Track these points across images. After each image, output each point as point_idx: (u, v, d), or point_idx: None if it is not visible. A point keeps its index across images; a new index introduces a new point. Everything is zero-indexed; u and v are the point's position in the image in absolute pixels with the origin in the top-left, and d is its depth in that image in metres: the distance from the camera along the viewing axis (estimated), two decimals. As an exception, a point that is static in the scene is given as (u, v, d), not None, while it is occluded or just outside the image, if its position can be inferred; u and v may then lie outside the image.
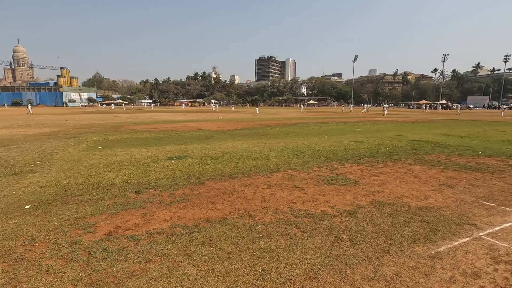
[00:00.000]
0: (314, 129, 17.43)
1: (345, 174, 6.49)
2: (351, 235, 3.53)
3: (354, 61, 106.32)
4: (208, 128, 17.88)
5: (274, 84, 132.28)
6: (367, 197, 4.95)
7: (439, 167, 7.18)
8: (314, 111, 54.64)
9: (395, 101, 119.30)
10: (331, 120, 26.18)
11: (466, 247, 3.27)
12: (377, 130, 16.74)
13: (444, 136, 13.83)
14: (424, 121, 25.84)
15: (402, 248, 3.22)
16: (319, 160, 7.92)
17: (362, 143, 11.24)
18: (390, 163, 7.64)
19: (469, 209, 4.40)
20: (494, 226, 3.80)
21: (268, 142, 11.47)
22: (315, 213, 4.23)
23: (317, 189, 5.39)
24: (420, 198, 4.91)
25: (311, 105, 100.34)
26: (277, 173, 6.58)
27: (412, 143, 11.28)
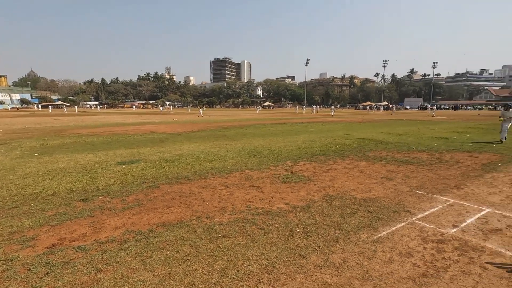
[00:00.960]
0: (270, 130, 17.89)
1: (299, 172, 6.82)
2: (304, 228, 3.75)
3: (306, 64, 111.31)
4: (162, 131, 17.23)
5: (230, 86, 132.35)
6: (319, 192, 5.27)
7: (381, 162, 7.93)
8: (270, 113, 55.95)
9: (343, 102, 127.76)
10: (286, 121, 27.10)
11: (402, 231, 3.70)
12: (328, 130, 17.80)
13: (386, 134, 15.26)
14: (369, 121, 28.16)
15: (349, 236, 3.53)
16: (275, 160, 8.19)
17: (315, 142, 11.87)
18: (339, 160, 8.22)
19: (404, 198, 4.97)
20: (424, 211, 4.35)
21: (225, 144, 11.49)
22: (271, 210, 4.39)
23: (273, 187, 5.59)
24: (365, 190, 5.39)
25: (267, 106, 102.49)
26: (235, 173, 6.65)
27: (359, 141, 12.24)
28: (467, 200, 4.84)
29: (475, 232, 3.68)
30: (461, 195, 5.11)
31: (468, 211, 4.39)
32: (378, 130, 17.54)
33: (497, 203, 4.73)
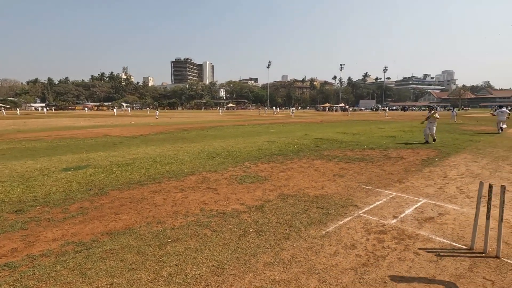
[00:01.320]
0: (232, 132, 17.85)
1: (257, 172, 6.88)
2: (257, 228, 3.78)
3: (268, 67, 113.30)
4: (117, 134, 16.27)
5: (192, 87, 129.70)
6: (274, 191, 5.37)
7: (334, 160, 8.33)
8: (233, 114, 55.88)
9: (304, 104, 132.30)
10: (249, 123, 27.28)
11: (348, 224, 3.91)
12: (288, 131, 18.27)
13: (341, 134, 16.09)
14: (327, 121, 29.50)
15: (300, 233, 3.63)
16: (234, 161, 8.18)
17: (274, 143, 12.10)
18: (296, 159, 8.47)
19: (353, 193, 5.27)
20: (370, 205, 4.65)
21: (184, 146, 11.20)
22: (226, 211, 4.37)
23: (229, 188, 5.56)
24: (318, 188, 5.61)
25: (230, 108, 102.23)
26: (191, 176, 6.50)
27: (316, 141, 12.75)
28: (407, 193, 5.28)
29: (412, 221, 4.03)
30: (402, 189, 5.56)
31: (407, 202, 4.79)
32: (335, 130, 18.44)
33: (432, 194, 5.23)
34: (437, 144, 11.64)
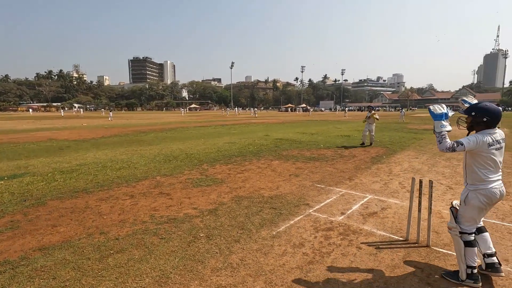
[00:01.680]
0: (193, 133, 17.45)
1: (214, 174, 6.78)
2: (208, 232, 3.71)
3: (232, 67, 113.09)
4: (64, 137, 15.01)
5: (152, 87, 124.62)
6: (229, 193, 5.33)
7: (292, 160, 8.54)
8: (195, 115, 54.76)
9: (267, 104, 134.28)
10: (211, 124, 26.92)
11: (299, 223, 4.01)
12: (250, 131, 18.37)
13: (301, 134, 16.58)
14: (289, 122, 30.24)
15: (251, 235, 3.64)
16: (191, 164, 7.98)
17: (235, 144, 12.06)
18: (255, 160, 8.52)
19: (306, 192, 5.43)
20: (320, 203, 4.83)
21: (140, 149, 10.67)
22: (177, 217, 4.22)
23: (183, 192, 5.40)
24: (273, 188, 5.69)
25: (193, 109, 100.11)
26: (144, 181, 6.20)
27: (276, 141, 12.97)
28: (355, 190, 5.59)
29: (357, 217, 4.26)
30: (351, 186, 5.87)
31: (355, 199, 5.06)
32: (295, 130, 18.95)
33: (377, 190, 5.60)
34: (385, 142, 12.53)
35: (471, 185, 2.62)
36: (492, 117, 2.52)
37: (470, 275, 2.59)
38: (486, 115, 2.52)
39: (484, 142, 2.47)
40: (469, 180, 2.64)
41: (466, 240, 2.61)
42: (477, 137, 2.50)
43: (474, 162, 2.57)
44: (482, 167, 2.54)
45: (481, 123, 2.55)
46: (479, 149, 2.50)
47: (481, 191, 2.55)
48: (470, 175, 2.62)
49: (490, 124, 2.54)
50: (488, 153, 2.51)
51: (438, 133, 2.55)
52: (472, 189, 2.59)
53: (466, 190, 2.66)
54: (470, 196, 2.60)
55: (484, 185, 2.54)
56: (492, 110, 2.53)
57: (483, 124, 2.55)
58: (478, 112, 2.56)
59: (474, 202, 2.57)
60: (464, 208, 2.66)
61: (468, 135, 2.63)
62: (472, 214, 2.62)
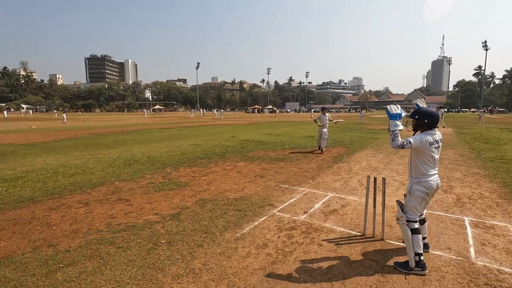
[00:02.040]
0: (156, 135, 16.81)
1: (177, 178, 6.58)
2: (170, 238, 3.58)
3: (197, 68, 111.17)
4: (9, 142, 13.59)
5: (112, 87, 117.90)
6: (193, 197, 5.20)
7: (257, 161, 8.59)
8: (160, 117, 52.89)
9: (234, 106, 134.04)
10: (176, 125, 26.17)
11: (263, 224, 4.04)
12: (216, 133, 18.17)
13: (266, 135, 16.77)
14: (256, 123, 30.45)
15: (215, 238, 3.58)
16: (154, 167, 7.67)
17: (200, 146, 11.84)
18: (220, 162, 8.43)
19: (271, 192, 5.49)
20: (284, 203, 4.91)
21: (97, 153, 10.02)
22: (136, 224, 4.02)
23: (144, 198, 5.16)
24: (238, 190, 5.67)
25: (157, 110, 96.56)
26: (101, 187, 5.82)
27: (242, 142, 12.97)
28: (317, 188, 5.77)
29: (319, 215, 4.40)
30: (314, 185, 6.05)
31: (317, 197, 5.23)
32: (261, 131, 19.12)
33: (338, 188, 5.84)
34: (346, 142, 13.15)
35: (414, 178, 2.98)
36: (432, 119, 2.92)
37: (418, 262, 2.84)
38: (426, 118, 2.92)
39: (426, 141, 2.85)
40: (413, 174, 3.00)
41: (412, 227, 2.92)
42: (421, 137, 2.86)
43: (418, 158, 2.92)
44: (423, 162, 2.91)
45: (424, 124, 2.94)
46: (422, 147, 2.85)
47: (422, 183, 2.92)
48: (414, 169, 2.98)
49: (431, 125, 2.92)
50: (429, 151, 2.88)
51: (392, 131, 2.88)
52: (416, 182, 2.95)
53: (410, 183, 3.02)
54: (413, 187, 2.96)
55: (425, 178, 2.92)
56: (431, 113, 2.94)
57: (425, 125, 2.93)
58: (420, 115, 2.96)
59: (417, 193, 2.93)
60: (409, 199, 3.00)
61: (414, 135, 2.96)
62: (416, 204, 2.97)
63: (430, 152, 2.87)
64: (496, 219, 4.16)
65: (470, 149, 10.89)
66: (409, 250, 2.89)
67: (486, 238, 3.59)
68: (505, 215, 4.33)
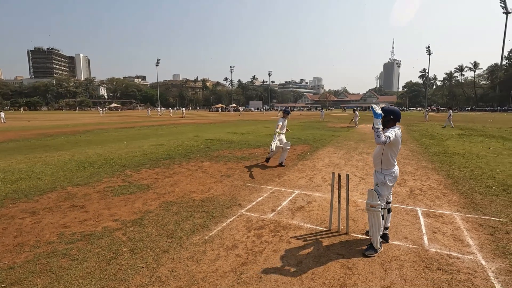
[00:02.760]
0: (113, 136, 15.78)
1: (138, 180, 6.22)
2: (132, 246, 3.35)
3: (157, 64, 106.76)
4: None
5: (61, 83, 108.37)
6: (157, 200, 4.96)
7: (223, 160, 8.48)
8: (117, 115, 49.81)
9: (197, 104, 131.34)
10: (135, 125, 24.85)
11: (231, 225, 3.97)
12: (179, 132, 17.60)
13: (231, 134, 16.66)
14: (220, 122, 30.12)
15: (181, 243, 3.43)
16: (111, 170, 7.17)
17: (163, 146, 11.36)
18: (184, 162, 8.17)
19: (238, 192, 5.44)
20: (252, 202, 4.89)
21: (45, 156, 9.09)
22: (93, 232, 3.70)
23: (102, 203, 4.79)
24: (204, 191, 5.52)
25: (113, 108, 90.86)
26: (50, 193, 5.28)
27: (207, 142, 12.71)
28: (284, 186, 5.86)
29: (286, 212, 4.46)
30: (280, 183, 6.13)
31: (284, 195, 5.30)
32: (226, 130, 18.95)
33: (303, 185, 5.98)
34: (309, 139, 13.58)
35: (385, 170, 3.28)
36: (396, 115, 3.27)
37: (380, 243, 3.23)
38: (391, 114, 3.25)
39: (398, 134, 3.20)
40: (384, 166, 3.29)
41: (382, 214, 3.21)
42: (394, 131, 3.18)
43: (390, 151, 3.24)
44: (393, 154, 3.25)
45: (390, 120, 3.28)
46: (396, 140, 3.18)
47: (392, 173, 3.29)
48: (385, 162, 3.27)
49: (396, 120, 3.27)
50: (398, 143, 3.24)
51: (377, 128, 3.08)
52: (387, 173, 3.26)
53: (381, 175, 3.29)
54: (385, 178, 3.25)
55: (392, 169, 3.27)
56: (394, 110, 3.29)
57: (391, 121, 3.32)
58: (386, 113, 3.26)
59: (388, 183, 3.25)
60: (382, 188, 3.26)
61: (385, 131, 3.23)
62: (387, 192, 3.31)
63: (398, 144, 3.24)
64: (444, 209, 4.59)
65: (419, 145, 11.91)
66: (377, 234, 3.17)
67: (436, 226, 3.93)
68: (450, 204, 4.78)
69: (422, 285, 2.65)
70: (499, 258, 3.09)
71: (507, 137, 14.20)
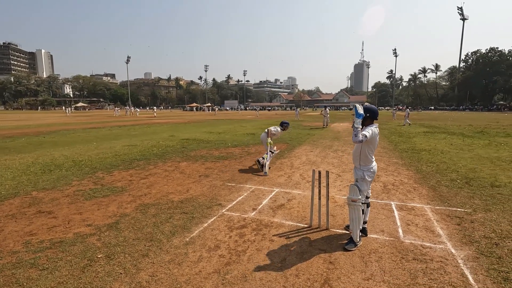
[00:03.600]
0: (81, 136, 14.93)
1: (112, 183, 5.93)
2: (108, 251, 3.18)
3: (127, 62, 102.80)
4: None
5: (20, 81, 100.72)
6: (133, 203, 4.75)
7: (201, 160, 8.33)
8: (85, 115, 47.24)
9: (171, 103, 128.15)
10: (105, 125, 23.71)
11: (212, 225, 3.91)
12: (153, 132, 17.05)
13: (208, 133, 16.43)
14: (195, 121, 29.60)
15: (161, 246, 3.32)
16: (81, 172, 6.77)
17: (136, 146, 10.94)
18: (160, 163, 7.92)
19: (218, 192, 5.37)
20: (232, 202, 4.85)
21: (4, 159, 8.39)
22: (64, 239, 3.47)
23: (72, 208, 4.50)
24: (182, 191, 5.39)
25: (80, 108, 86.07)
26: (13, 199, 4.87)
27: (183, 141, 12.43)
28: (264, 185, 5.87)
29: (267, 211, 4.46)
30: (260, 181, 6.14)
31: (264, 193, 5.31)
32: (202, 130, 18.66)
33: (283, 183, 6.04)
34: (286, 138, 13.75)
35: (364, 166, 3.38)
36: (372, 113, 3.36)
37: (359, 236, 3.34)
38: (368, 112, 3.34)
39: (374, 132, 3.28)
40: (362, 163, 3.39)
41: (362, 208, 3.32)
42: (371, 129, 3.26)
43: (367, 148, 3.34)
44: (371, 151, 3.36)
45: (367, 118, 3.35)
46: (373, 138, 3.27)
47: (370, 169, 3.40)
48: (363, 159, 3.37)
49: (373, 118, 3.36)
50: (375, 141, 3.34)
51: (356, 128, 3.14)
52: (366, 170, 3.37)
53: (360, 171, 3.39)
54: (364, 174, 3.36)
55: (370, 165, 3.38)
56: (371, 108, 3.40)
57: (369, 118, 3.36)
58: (363, 111, 3.31)
59: (367, 178, 3.36)
60: (361, 184, 3.36)
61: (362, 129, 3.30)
62: (367, 188, 3.41)
63: (375, 141, 3.36)
64: (415, 202, 4.84)
65: (389, 142, 12.50)
66: (357, 228, 3.27)
67: (409, 218, 4.14)
68: (421, 197, 5.06)
69: (400, 275, 2.77)
70: (466, 246, 3.31)
71: (466, 134, 15.33)
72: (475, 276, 2.73)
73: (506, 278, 2.70)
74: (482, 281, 2.66)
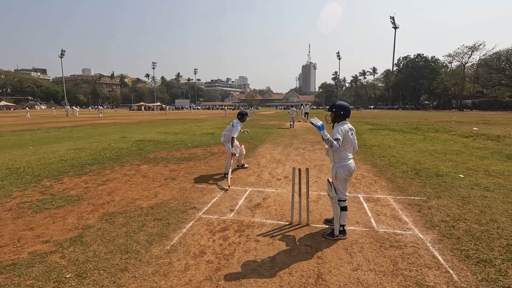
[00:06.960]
0: (11, 140, 12.96)
1: (64, 191, 5.25)
2: (78, 269, 2.80)
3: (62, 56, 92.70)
4: None
5: None
6: (95, 212, 4.27)
7: (163, 162, 7.87)
8: (14, 116, 41.14)
9: (115, 102, 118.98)
10: (40, 126, 20.97)
11: (192, 230, 3.71)
12: (100, 134, 15.60)
13: (163, 134, 15.61)
14: (146, 121, 27.89)
15: (140, 257, 3.03)
16: (22, 181, 5.86)
17: (84, 150, 9.88)
18: (117, 167, 7.27)
19: (189, 194, 5.12)
20: (207, 204, 4.67)
21: None
22: (18, 260, 2.95)
23: (19, 223, 3.87)
24: (150, 197, 5.02)
25: (4, 107, 74.80)
26: None
27: (137, 143, 11.60)
28: (235, 185, 5.78)
29: (246, 211, 4.40)
30: (231, 181, 6.02)
31: (238, 194, 5.22)
32: (156, 130, 17.67)
33: (254, 182, 6.02)
34: (246, 137, 13.77)
35: (337, 163, 3.44)
36: (346, 111, 3.44)
37: (342, 231, 3.48)
38: (342, 110, 3.43)
39: (345, 130, 3.35)
40: (336, 160, 3.45)
41: (342, 206, 3.44)
42: (340, 129, 3.33)
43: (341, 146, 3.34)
44: (344, 148, 3.40)
45: (341, 116, 3.44)
46: (345, 136, 3.33)
47: (344, 167, 3.42)
48: (337, 155, 3.43)
49: (346, 115, 3.44)
50: (348, 138, 3.38)
51: (326, 140, 3.20)
52: (339, 166, 3.43)
53: (334, 168, 3.47)
54: (338, 171, 3.43)
55: (345, 162, 3.42)
56: (344, 105, 3.47)
57: (342, 116, 3.44)
58: (337, 108, 3.45)
59: (341, 176, 3.43)
60: (336, 182, 3.47)
61: (333, 127, 3.45)
62: (342, 185, 3.48)
63: (349, 138, 3.38)
64: (378, 193, 5.24)
65: (342, 139, 13.35)
66: (336, 223, 3.42)
67: (378, 209, 4.46)
68: (382, 189, 5.50)
69: (383, 263, 2.96)
70: (430, 230, 3.69)
71: (405, 130, 17.17)
72: (444, 257, 3.05)
73: (468, 255, 3.07)
74: (450, 261, 2.98)
